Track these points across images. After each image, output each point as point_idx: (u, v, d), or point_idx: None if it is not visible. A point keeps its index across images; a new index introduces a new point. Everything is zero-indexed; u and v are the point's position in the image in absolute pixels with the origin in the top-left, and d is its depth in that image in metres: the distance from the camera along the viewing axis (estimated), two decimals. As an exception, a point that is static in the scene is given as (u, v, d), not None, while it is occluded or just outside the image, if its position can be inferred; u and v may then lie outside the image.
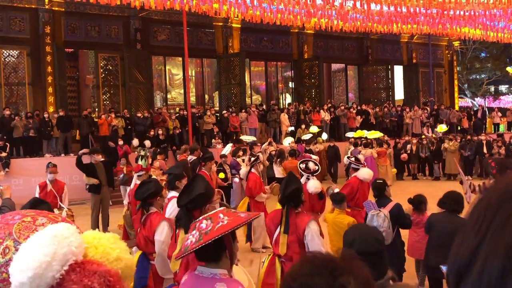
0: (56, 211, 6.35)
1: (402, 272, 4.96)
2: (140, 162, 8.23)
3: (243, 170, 7.48)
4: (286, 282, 1.06)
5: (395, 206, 4.95)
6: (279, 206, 3.89)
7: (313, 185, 5.26)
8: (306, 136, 15.88)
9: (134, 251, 4.40)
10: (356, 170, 6.45)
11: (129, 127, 15.69)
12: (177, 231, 2.83)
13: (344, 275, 0.99)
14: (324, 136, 16.93)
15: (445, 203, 4.57)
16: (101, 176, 8.79)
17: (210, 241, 2.00)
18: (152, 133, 15.07)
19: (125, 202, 7.35)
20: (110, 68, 17.39)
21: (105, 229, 8.51)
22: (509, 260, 0.57)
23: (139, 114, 16.03)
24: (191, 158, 10.30)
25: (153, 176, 7.52)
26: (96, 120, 15.68)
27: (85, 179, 8.49)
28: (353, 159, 6.49)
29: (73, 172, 11.96)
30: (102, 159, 9.28)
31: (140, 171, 7.23)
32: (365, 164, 9.01)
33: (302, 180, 5.54)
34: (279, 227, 3.71)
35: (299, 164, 5.69)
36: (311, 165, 5.44)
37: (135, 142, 13.58)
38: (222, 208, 2.32)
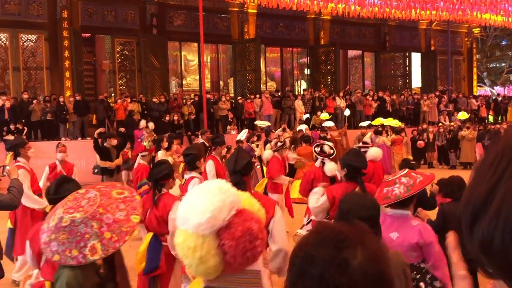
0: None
1: None
2: (144, 143, 8.59)
3: (267, 152, 7.53)
4: (294, 250, 1.05)
5: None
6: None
7: (331, 167, 5.10)
8: (329, 123, 15.73)
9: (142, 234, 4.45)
10: None
11: (145, 112, 15.80)
12: None
13: (350, 248, 0.96)
14: (347, 112, 17.05)
15: (453, 191, 4.47)
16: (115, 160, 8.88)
17: (418, 191, 2.88)
18: (167, 118, 15.15)
19: None
20: (126, 53, 17.46)
21: None
22: None
23: (154, 99, 16.10)
24: (199, 141, 10.53)
25: (171, 159, 7.79)
26: (112, 104, 15.82)
27: (99, 162, 8.58)
28: (360, 144, 6.43)
29: (89, 155, 12.08)
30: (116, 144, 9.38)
31: (143, 152, 7.72)
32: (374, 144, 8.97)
33: (317, 163, 5.48)
34: None
35: (314, 147, 5.61)
36: (326, 148, 5.36)
37: (142, 123, 13.69)
38: (407, 170, 3.14)
